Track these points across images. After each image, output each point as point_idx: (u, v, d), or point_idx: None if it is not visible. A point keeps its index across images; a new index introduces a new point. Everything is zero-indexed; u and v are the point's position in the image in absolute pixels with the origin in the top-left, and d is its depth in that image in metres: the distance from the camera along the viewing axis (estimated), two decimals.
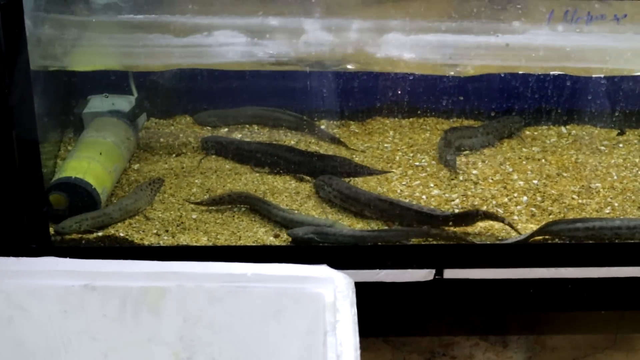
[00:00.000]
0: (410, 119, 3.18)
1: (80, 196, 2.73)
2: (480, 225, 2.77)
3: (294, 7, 2.61)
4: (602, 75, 2.95)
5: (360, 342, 2.06)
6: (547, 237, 2.75)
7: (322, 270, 2.28)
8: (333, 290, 2.22)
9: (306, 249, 2.70)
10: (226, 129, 3.16)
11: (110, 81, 2.96)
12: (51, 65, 2.67)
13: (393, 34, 2.65)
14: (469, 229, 2.76)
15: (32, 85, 2.46)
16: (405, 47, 2.67)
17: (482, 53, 2.69)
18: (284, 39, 2.64)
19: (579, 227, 2.74)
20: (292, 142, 3.10)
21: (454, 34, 2.66)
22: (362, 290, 2.23)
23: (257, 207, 2.83)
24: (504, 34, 2.66)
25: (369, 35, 2.65)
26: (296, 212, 2.83)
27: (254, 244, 2.72)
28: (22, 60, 2.40)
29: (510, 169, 3.00)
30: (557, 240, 2.75)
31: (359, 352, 2.09)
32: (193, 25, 2.61)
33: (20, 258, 2.26)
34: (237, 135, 3.12)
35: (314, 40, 2.64)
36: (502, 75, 3.02)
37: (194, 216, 2.80)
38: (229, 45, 2.64)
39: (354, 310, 2.18)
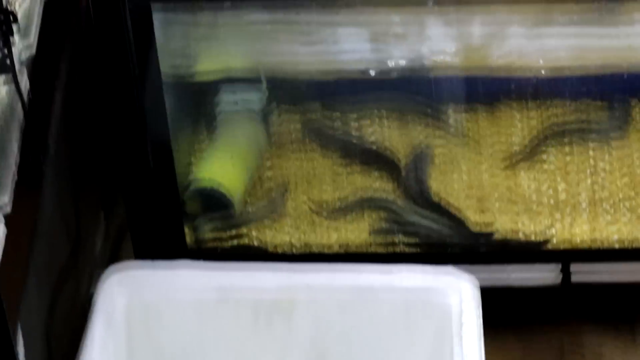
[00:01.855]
0: None
1: (215, 201, 2.79)
2: None
3: None
4: None
5: None
6: None
7: (448, 274, 2.38)
8: (459, 299, 2.31)
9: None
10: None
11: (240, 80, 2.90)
12: (181, 75, 2.71)
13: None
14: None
15: (163, 89, 2.56)
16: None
17: None
18: None
19: None
20: None
21: None
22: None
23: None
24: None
25: None
26: None
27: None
28: (152, 67, 2.52)
29: None
30: None
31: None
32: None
33: (155, 262, 2.46)
34: None
35: None
36: None
37: (325, 214, 2.83)
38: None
39: (479, 321, 2.27)
